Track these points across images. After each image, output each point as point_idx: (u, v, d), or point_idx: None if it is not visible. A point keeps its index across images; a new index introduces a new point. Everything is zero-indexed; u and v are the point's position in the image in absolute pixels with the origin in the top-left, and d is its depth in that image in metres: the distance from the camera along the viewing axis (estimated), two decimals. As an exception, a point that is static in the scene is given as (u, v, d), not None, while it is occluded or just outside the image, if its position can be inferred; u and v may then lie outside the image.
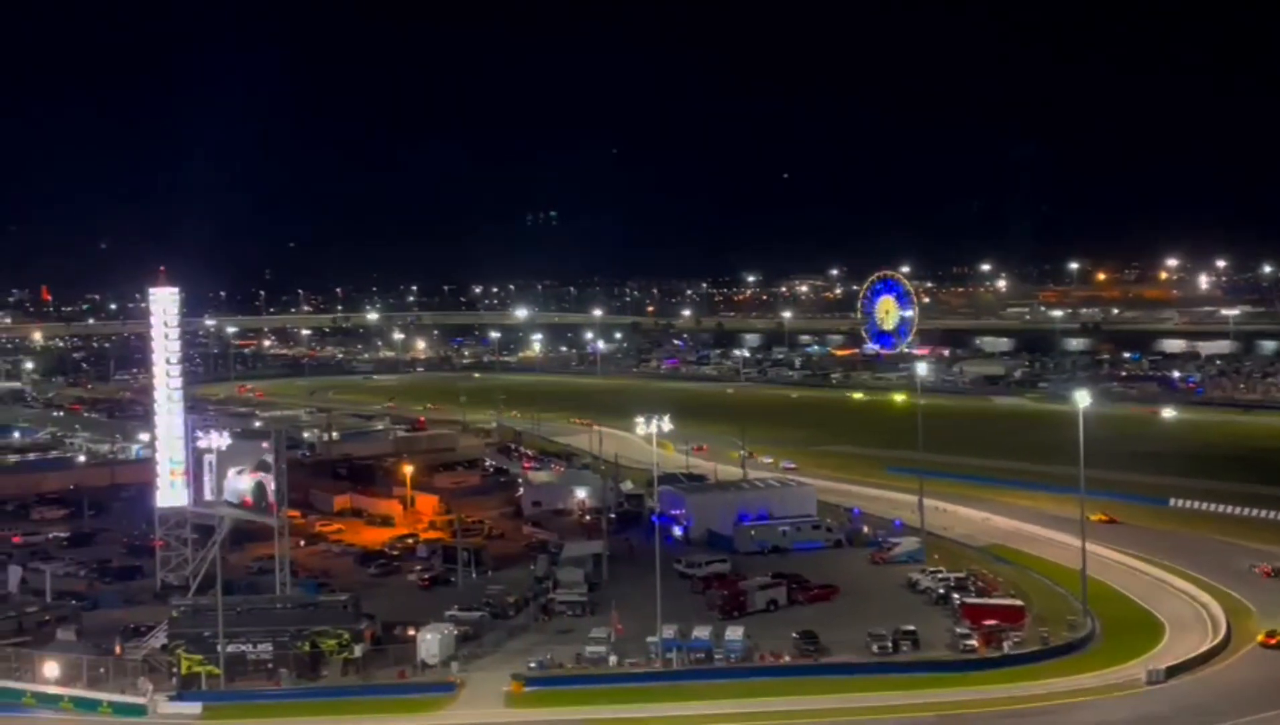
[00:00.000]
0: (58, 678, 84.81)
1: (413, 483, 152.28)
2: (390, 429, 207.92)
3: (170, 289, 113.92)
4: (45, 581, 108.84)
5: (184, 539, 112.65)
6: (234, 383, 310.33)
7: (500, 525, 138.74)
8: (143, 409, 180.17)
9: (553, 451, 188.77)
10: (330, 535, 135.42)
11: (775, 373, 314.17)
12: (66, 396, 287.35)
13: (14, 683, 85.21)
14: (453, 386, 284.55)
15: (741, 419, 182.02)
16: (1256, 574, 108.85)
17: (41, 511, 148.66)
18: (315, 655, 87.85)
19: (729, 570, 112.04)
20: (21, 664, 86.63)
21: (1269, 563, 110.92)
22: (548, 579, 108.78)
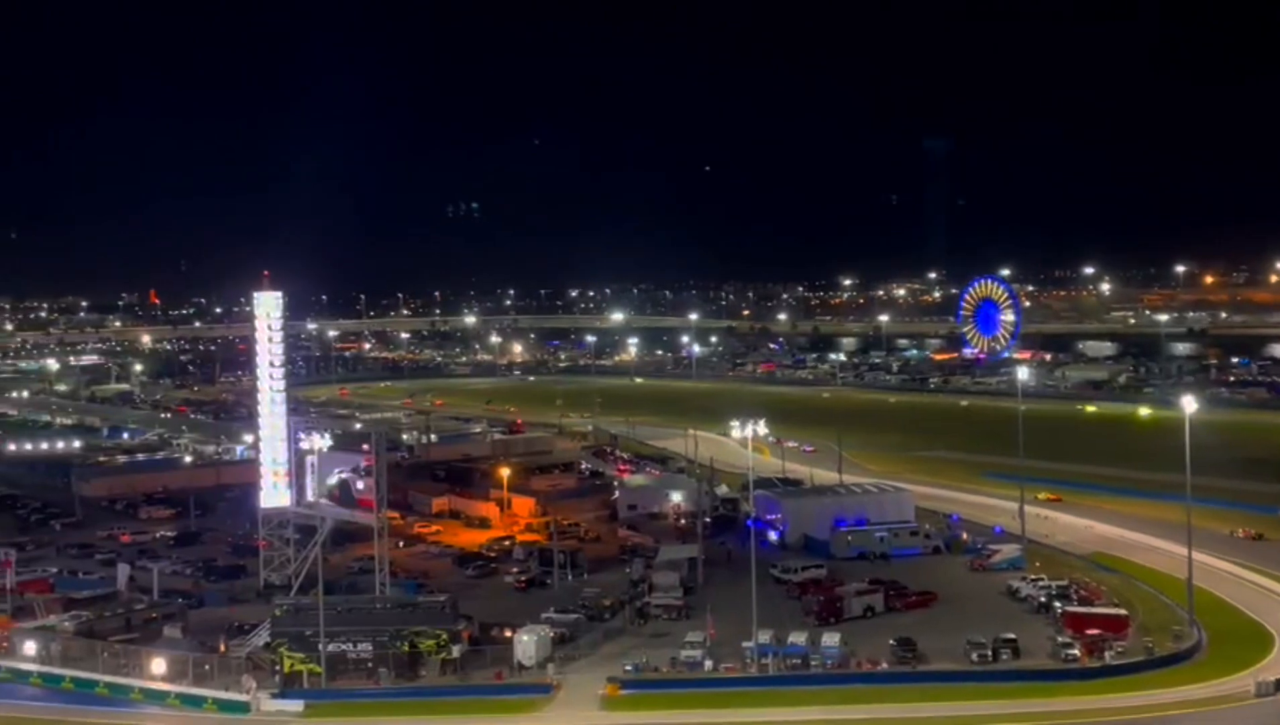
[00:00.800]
0: (164, 674, 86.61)
1: (510, 485, 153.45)
2: (488, 432, 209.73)
3: (274, 293, 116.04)
4: (153, 580, 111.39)
5: (286, 539, 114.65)
6: (335, 385, 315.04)
7: (596, 528, 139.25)
8: (247, 411, 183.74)
9: (648, 455, 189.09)
10: (429, 536, 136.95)
11: (872, 377, 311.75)
12: (173, 398, 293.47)
13: (123, 678, 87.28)
14: (549, 390, 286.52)
15: (838, 423, 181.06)
16: (1241, 538, 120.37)
17: (149, 511, 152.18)
18: (414, 655, 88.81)
19: (825, 576, 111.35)
20: (130, 660, 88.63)
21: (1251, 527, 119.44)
22: (643, 582, 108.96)
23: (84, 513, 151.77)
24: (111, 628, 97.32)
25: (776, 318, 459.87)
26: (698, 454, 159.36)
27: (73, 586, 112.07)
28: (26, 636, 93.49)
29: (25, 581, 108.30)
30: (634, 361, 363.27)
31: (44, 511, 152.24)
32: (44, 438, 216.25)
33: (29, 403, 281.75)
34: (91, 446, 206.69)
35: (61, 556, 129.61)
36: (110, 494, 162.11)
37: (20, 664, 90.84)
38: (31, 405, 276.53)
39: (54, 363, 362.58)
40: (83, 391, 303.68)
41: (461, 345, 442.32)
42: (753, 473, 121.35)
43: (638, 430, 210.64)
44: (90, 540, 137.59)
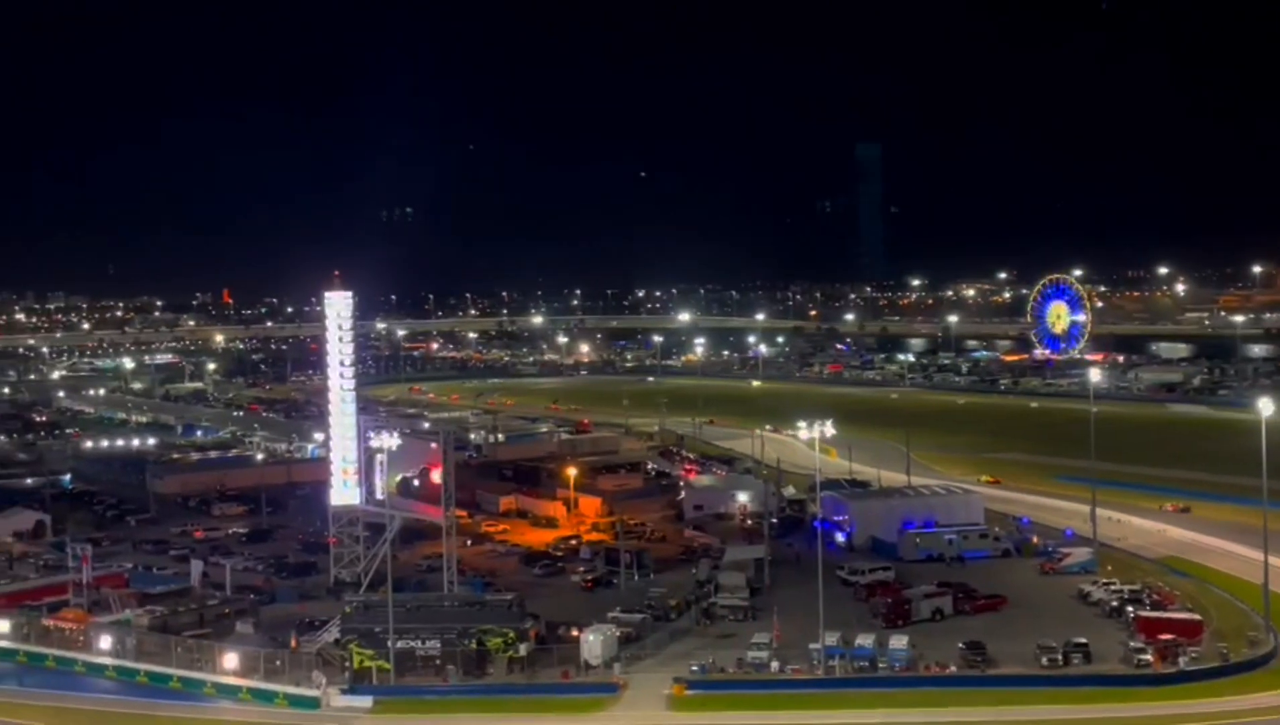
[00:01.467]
0: (236, 669, 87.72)
1: (576, 485, 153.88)
2: (554, 431, 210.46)
3: (344, 293, 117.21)
4: (225, 576, 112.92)
5: (356, 536, 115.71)
6: (404, 384, 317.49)
7: (662, 528, 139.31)
8: (317, 409, 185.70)
9: (714, 455, 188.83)
10: (496, 535, 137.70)
11: (941, 378, 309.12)
12: (246, 397, 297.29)
13: (196, 673, 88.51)
14: (615, 389, 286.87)
15: (906, 424, 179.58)
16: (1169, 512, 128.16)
17: (222, 508, 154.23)
18: (481, 653, 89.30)
19: (893, 578, 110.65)
20: (203, 655, 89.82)
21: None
22: (709, 583, 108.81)
23: (158, 509, 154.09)
24: (185, 623, 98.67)
25: (844, 318, 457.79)
26: (764, 455, 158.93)
27: (147, 582, 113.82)
28: (102, 630, 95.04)
29: (101, 576, 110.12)
30: (700, 362, 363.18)
31: (119, 508, 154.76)
32: (120, 435, 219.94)
33: (105, 401, 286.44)
34: (166, 444, 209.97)
35: (137, 552, 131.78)
36: (184, 491, 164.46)
37: (96, 658, 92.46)
38: (108, 403, 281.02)
39: (130, 361, 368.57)
40: (157, 390, 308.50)
41: (529, 345, 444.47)
42: (820, 474, 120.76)
43: (704, 430, 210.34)
44: (164, 536, 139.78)
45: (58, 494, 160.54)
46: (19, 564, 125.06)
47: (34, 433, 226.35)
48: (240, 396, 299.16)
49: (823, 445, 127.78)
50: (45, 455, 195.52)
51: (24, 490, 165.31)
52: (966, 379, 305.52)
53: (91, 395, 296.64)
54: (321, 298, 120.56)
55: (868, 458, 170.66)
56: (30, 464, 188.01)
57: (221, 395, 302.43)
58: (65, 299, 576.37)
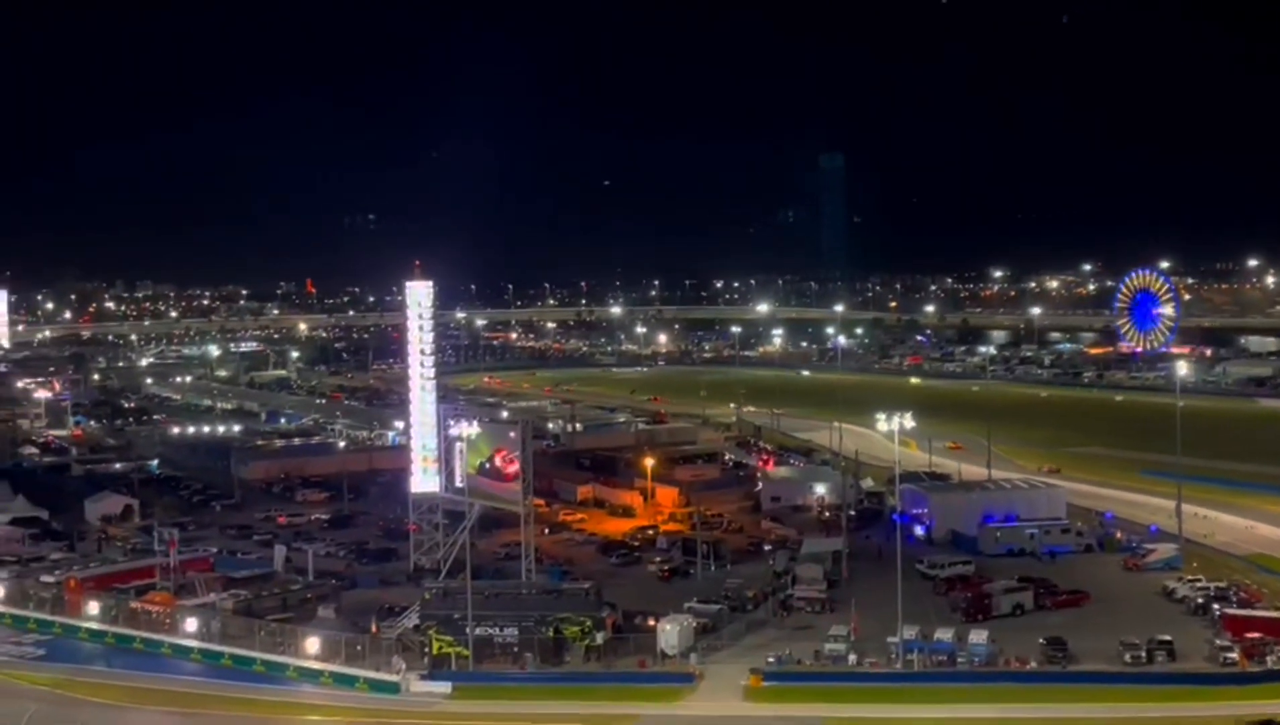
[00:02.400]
0: (318, 653, 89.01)
1: (653, 475, 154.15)
2: (632, 421, 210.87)
3: (425, 283, 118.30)
4: (308, 561, 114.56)
5: (436, 524, 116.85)
6: (483, 373, 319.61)
7: (739, 519, 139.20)
8: (398, 398, 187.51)
9: (792, 447, 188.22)
10: (574, 524, 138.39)
11: (1023, 371, 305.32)
12: (328, 385, 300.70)
13: (280, 656, 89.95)
14: (693, 380, 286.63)
15: (987, 417, 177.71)
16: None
17: (305, 494, 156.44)
18: (559, 640, 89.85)
19: (973, 572, 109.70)
20: (286, 639, 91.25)
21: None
22: (787, 574, 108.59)
23: (243, 495, 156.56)
24: (268, 607, 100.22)
25: (924, 310, 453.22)
26: (843, 447, 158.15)
27: (232, 566, 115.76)
28: (188, 614, 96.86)
29: (187, 560, 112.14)
30: (779, 353, 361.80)
31: (205, 493, 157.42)
32: (205, 422, 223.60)
33: (191, 388, 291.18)
34: (250, 431, 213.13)
35: (221, 537, 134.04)
36: (268, 477, 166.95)
37: (183, 640, 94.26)
38: (194, 390, 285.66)
39: (215, 349, 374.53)
40: (242, 377, 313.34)
41: (607, 335, 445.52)
42: (899, 466, 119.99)
43: (782, 422, 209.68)
44: (248, 522, 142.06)
45: (145, 479, 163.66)
46: (108, 547, 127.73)
47: (122, 419, 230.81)
48: (323, 384, 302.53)
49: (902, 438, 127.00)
50: (133, 441, 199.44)
51: (113, 475, 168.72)
52: (1049, 372, 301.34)
53: (178, 382, 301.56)
54: (403, 287, 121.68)
55: (948, 451, 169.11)
56: (119, 449, 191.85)
57: (305, 383, 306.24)
58: (153, 287, 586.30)
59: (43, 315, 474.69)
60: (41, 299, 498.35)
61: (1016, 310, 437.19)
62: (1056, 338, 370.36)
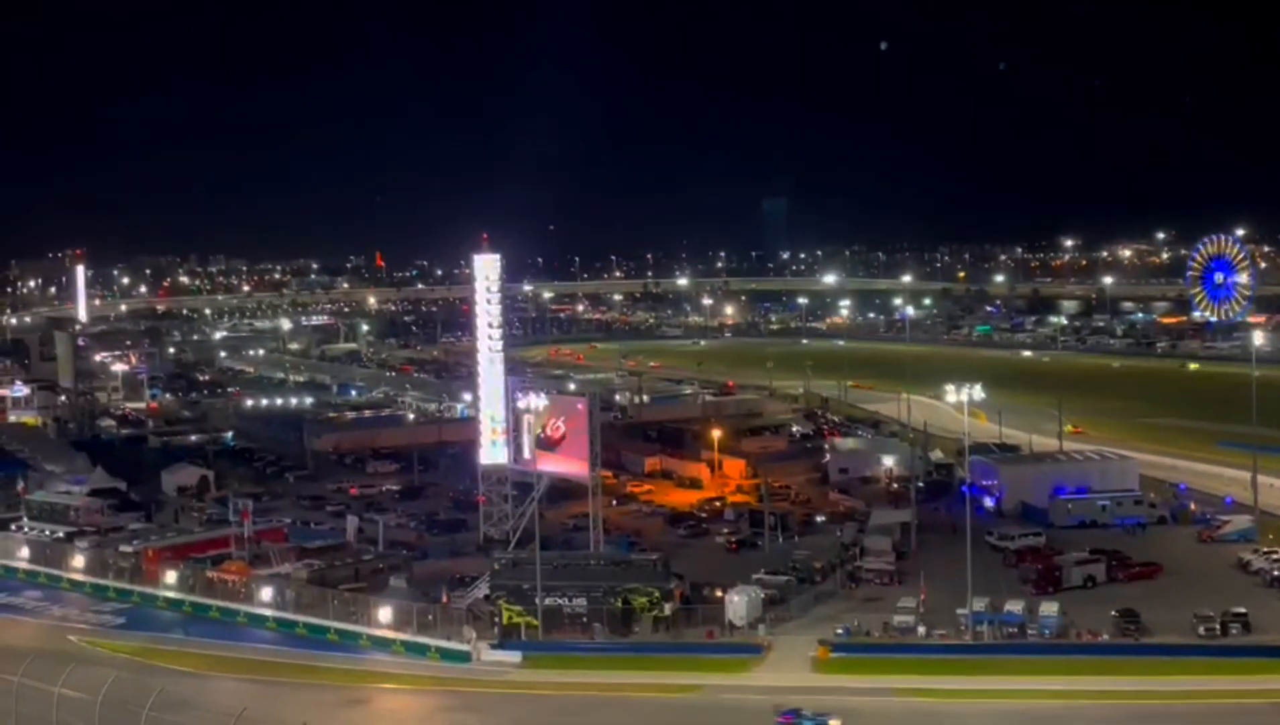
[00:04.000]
0: (390, 623, 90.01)
1: (720, 447, 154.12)
2: (699, 393, 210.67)
3: (492, 255, 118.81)
4: (379, 532, 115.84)
5: (505, 495, 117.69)
6: (550, 346, 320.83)
7: (807, 491, 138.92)
8: (466, 370, 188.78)
9: (860, 418, 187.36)
10: (641, 496, 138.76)
11: (1095, 341, 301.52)
12: (397, 358, 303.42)
13: (353, 625, 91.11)
14: (760, 352, 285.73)
15: (1058, 389, 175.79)
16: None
17: (376, 466, 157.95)
18: (627, 611, 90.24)
19: (1043, 544, 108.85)
20: (358, 608, 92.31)
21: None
22: (855, 546, 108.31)
23: (315, 466, 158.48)
24: (341, 576, 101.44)
25: (994, 280, 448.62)
26: (911, 418, 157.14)
27: (305, 537, 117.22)
28: (263, 583, 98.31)
29: (262, 530, 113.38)
30: (846, 324, 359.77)
31: (278, 464, 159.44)
32: (278, 394, 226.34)
33: (264, 361, 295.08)
34: (322, 403, 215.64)
35: (295, 507, 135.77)
36: (339, 449, 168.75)
37: (258, 609, 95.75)
38: (267, 363, 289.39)
39: (287, 322, 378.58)
40: (313, 350, 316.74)
41: (673, 307, 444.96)
42: (968, 438, 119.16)
43: (849, 393, 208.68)
44: (321, 493, 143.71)
45: (220, 451, 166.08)
46: (184, 518, 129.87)
47: (197, 392, 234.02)
48: (392, 357, 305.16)
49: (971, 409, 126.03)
50: (208, 413, 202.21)
51: (189, 447, 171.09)
52: (1122, 342, 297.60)
53: (251, 355, 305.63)
54: (470, 260, 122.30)
55: (1018, 422, 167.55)
56: (194, 422, 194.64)
57: (375, 356, 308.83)
58: (225, 262, 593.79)
59: (119, 290, 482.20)
60: (117, 274, 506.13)
61: (1088, 280, 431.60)
62: (1129, 308, 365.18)
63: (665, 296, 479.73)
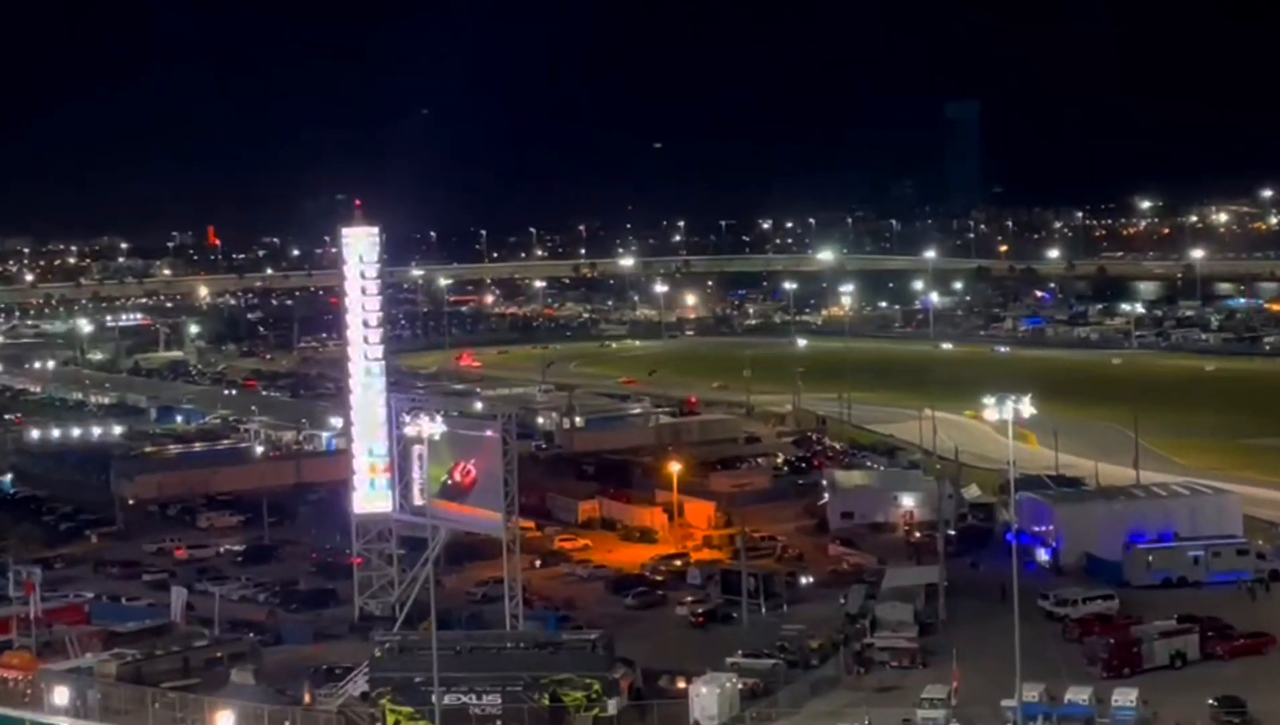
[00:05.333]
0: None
1: (681, 485, 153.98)
2: (651, 413, 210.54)
3: (368, 229, 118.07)
4: (215, 608, 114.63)
5: (388, 555, 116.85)
6: (450, 351, 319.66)
7: (799, 543, 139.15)
8: (335, 386, 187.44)
9: (869, 444, 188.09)
10: (574, 553, 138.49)
11: (1181, 336, 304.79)
12: (240, 370, 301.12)
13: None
14: (734, 355, 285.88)
15: (1133, 400, 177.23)
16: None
17: (211, 517, 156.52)
18: (557, 710, 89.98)
19: (1116, 610, 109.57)
20: (188, 713, 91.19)
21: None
22: (863, 617, 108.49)
23: (127, 520, 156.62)
24: (164, 670, 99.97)
25: (1045, 255, 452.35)
26: (938, 443, 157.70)
27: (114, 616, 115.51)
28: (57, 681, 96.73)
29: (54, 609, 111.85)
30: (849, 316, 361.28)
31: (76, 518, 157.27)
32: (75, 422, 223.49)
33: (56, 377, 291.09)
34: (136, 433, 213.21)
35: (100, 577, 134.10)
36: (160, 495, 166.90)
37: (49, 718, 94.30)
38: (59, 380, 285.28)
39: (87, 324, 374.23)
40: (124, 361, 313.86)
41: (615, 297, 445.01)
42: (1014, 468, 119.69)
43: (854, 410, 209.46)
44: (136, 556, 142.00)
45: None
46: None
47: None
48: (233, 369, 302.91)
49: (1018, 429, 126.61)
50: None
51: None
52: (1217, 337, 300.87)
53: (38, 369, 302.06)
54: (338, 236, 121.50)
55: (1080, 446, 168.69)
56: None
57: (208, 368, 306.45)
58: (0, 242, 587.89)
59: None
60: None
61: (1171, 254, 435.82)
62: (1226, 290, 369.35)
63: (604, 282, 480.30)
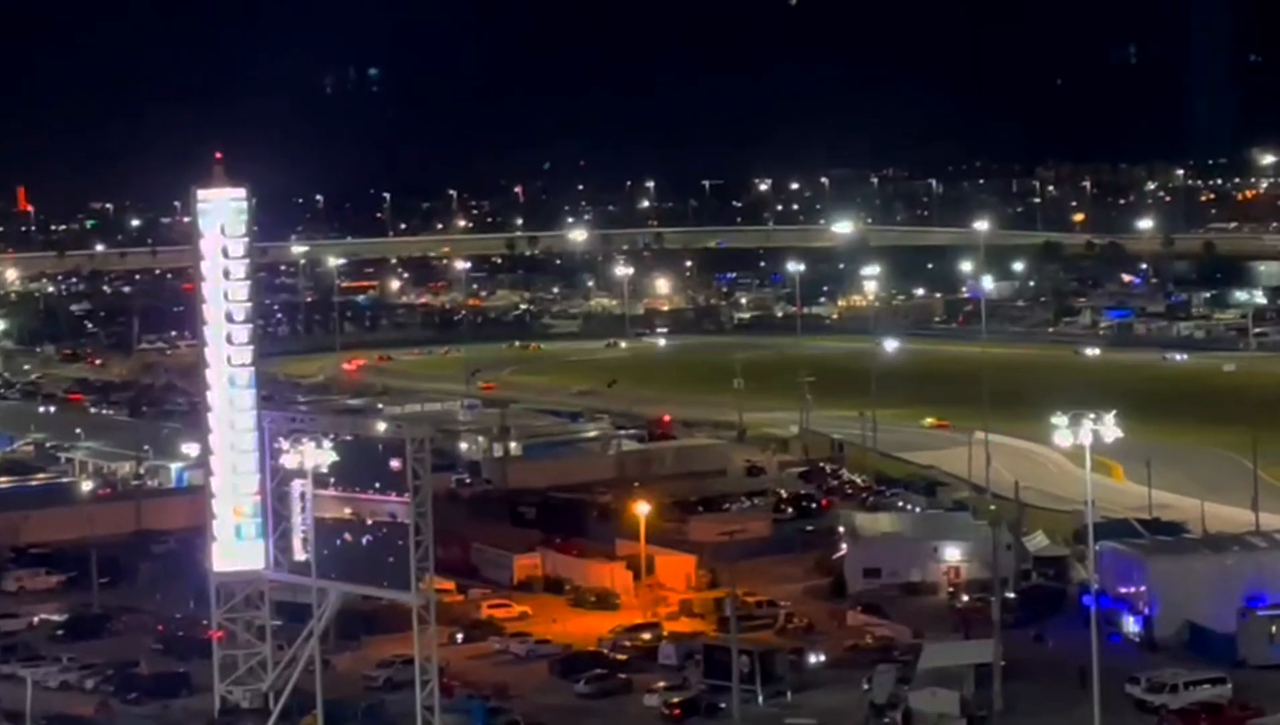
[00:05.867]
0: None
1: (651, 533, 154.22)
2: (611, 437, 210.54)
3: (232, 191, 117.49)
4: (27, 699, 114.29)
5: (259, 628, 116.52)
6: (342, 354, 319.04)
7: (808, 610, 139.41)
8: (187, 401, 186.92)
9: (901, 478, 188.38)
10: (508, 624, 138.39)
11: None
12: (60, 378, 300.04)
13: None
14: (721, 360, 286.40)
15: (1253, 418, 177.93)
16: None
17: (21, 577, 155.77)
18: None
19: (1229, 698, 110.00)
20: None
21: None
22: (894, 708, 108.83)
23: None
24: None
25: (1134, 227, 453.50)
26: (992, 477, 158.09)
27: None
28: None
29: None
30: (874, 309, 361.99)
31: None
32: None
33: None
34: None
35: None
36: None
37: None
38: None
39: None
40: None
41: (563, 282, 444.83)
42: (1093, 510, 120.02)
43: (882, 433, 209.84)
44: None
45: None
46: None
47: None
48: (51, 378, 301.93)
49: (1099, 459, 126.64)
50: None
51: None
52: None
53: None
54: (191, 201, 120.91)
55: (1182, 480, 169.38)
56: None
57: (18, 376, 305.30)
58: None
59: None
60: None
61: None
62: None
63: (549, 263, 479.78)
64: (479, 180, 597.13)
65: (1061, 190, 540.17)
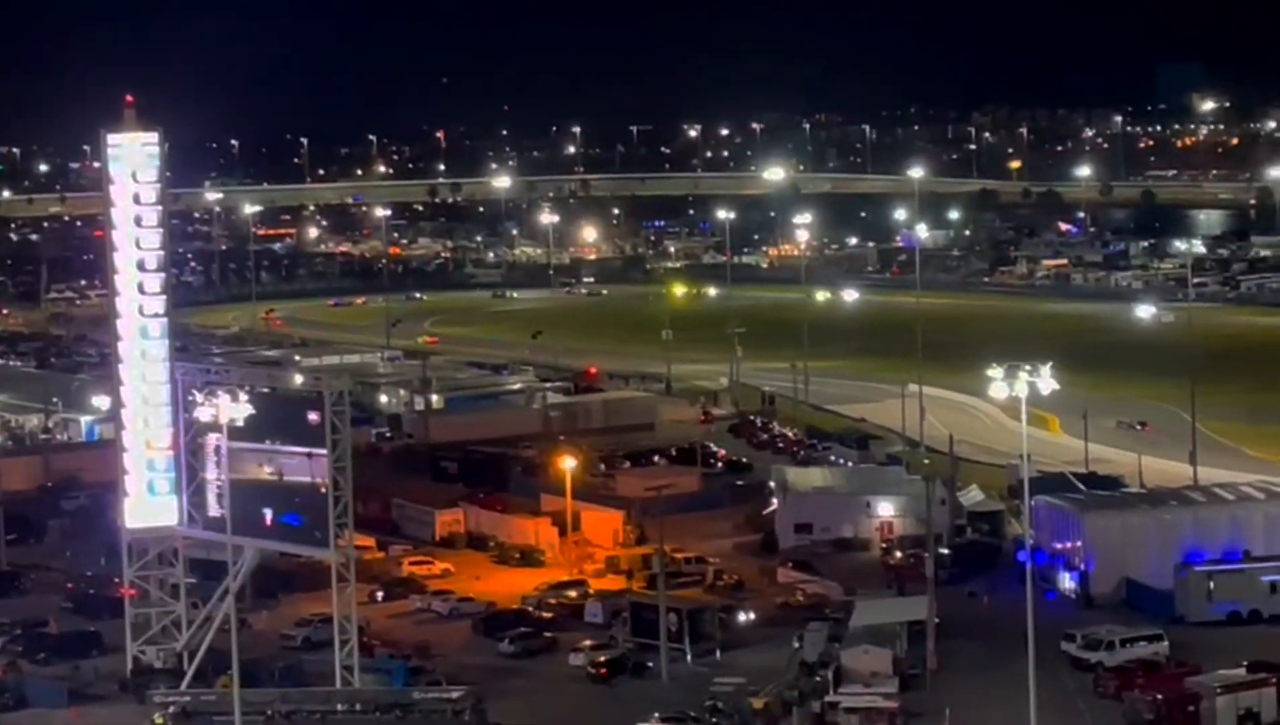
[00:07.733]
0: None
1: (577, 489, 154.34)
2: (536, 390, 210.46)
3: (144, 135, 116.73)
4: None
5: (173, 586, 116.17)
6: (258, 305, 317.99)
7: (737, 567, 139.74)
8: (98, 353, 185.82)
9: (833, 431, 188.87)
10: (430, 581, 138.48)
11: (1255, 284, 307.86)
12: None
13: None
14: (648, 311, 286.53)
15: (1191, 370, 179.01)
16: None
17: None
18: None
19: (1166, 655, 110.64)
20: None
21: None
22: (825, 667, 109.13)
23: None
24: None
25: (1072, 174, 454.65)
26: (926, 430, 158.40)
27: None
28: None
29: None
30: (805, 258, 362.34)
31: None
32: None
33: None
34: None
35: None
36: None
37: None
38: None
39: None
40: None
41: (486, 230, 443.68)
42: (1029, 464, 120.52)
43: (814, 385, 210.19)
44: None
45: None
46: None
47: None
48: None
49: (1035, 412, 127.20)
50: None
51: None
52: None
53: None
54: (101, 144, 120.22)
55: (1117, 433, 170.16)
56: None
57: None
58: None
59: None
60: None
61: (1241, 172, 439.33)
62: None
63: (471, 210, 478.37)
64: (399, 125, 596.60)
65: (998, 137, 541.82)
